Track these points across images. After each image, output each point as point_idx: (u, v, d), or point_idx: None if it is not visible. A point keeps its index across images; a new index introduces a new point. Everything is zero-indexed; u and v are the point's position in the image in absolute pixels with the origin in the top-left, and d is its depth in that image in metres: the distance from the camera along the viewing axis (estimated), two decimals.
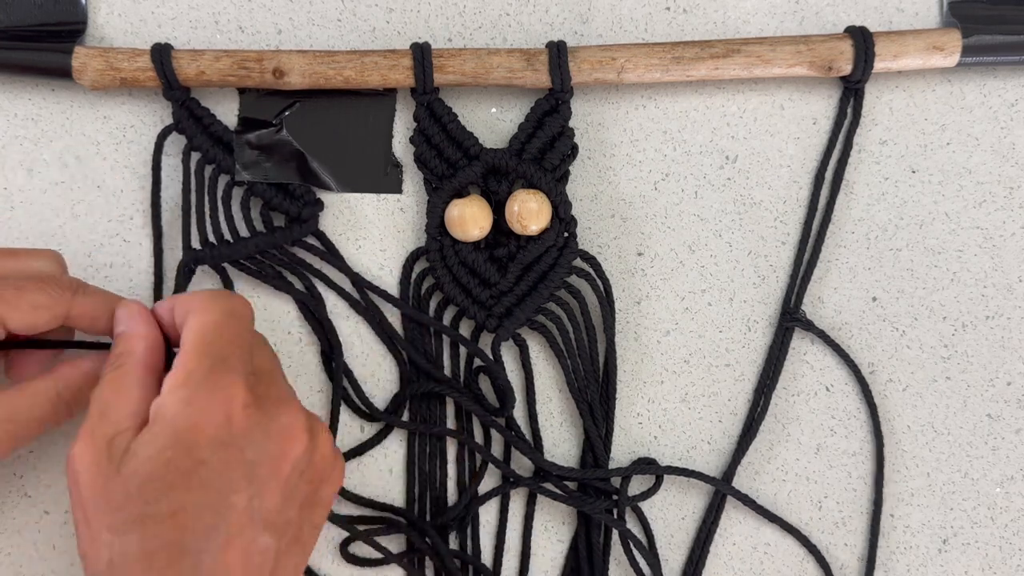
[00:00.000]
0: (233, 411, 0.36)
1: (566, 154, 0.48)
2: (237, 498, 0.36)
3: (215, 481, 0.36)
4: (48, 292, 0.40)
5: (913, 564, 0.50)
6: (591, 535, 0.48)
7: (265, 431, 0.37)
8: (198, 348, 0.37)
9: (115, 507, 0.35)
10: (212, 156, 0.48)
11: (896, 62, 0.48)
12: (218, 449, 0.36)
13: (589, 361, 0.49)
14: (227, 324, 0.39)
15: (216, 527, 0.35)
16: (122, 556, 0.35)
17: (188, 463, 0.35)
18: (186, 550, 0.35)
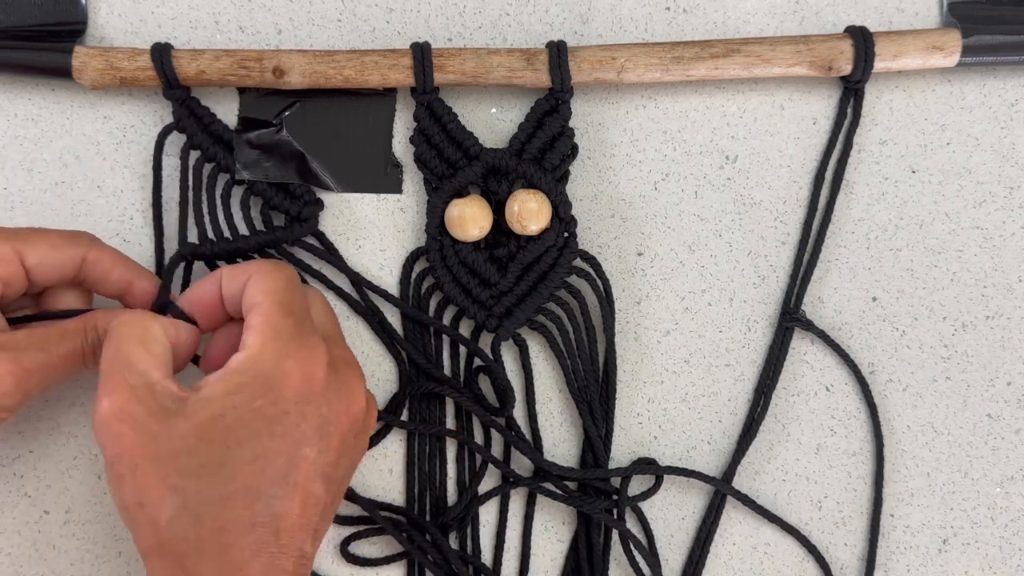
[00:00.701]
0: (317, 369, 0.39)
1: (566, 154, 0.48)
2: (309, 450, 0.38)
3: (293, 432, 0.38)
4: (66, 236, 0.43)
5: (913, 564, 0.50)
6: (591, 535, 0.48)
7: (337, 390, 0.40)
8: (280, 308, 0.39)
9: (185, 451, 0.36)
10: (212, 155, 0.48)
11: (896, 62, 0.48)
12: (300, 402, 0.38)
13: (589, 361, 0.49)
14: (294, 287, 0.41)
15: (288, 475, 0.37)
16: (197, 498, 0.36)
17: (274, 412, 0.38)
18: (261, 494, 0.37)
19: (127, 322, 0.40)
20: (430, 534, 0.48)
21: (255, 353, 0.38)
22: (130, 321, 0.40)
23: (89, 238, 0.43)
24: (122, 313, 0.42)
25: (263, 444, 0.37)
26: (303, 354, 0.39)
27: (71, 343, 0.41)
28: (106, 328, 0.41)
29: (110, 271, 0.43)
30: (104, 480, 0.49)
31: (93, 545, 0.48)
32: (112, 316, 0.42)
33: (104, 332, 0.41)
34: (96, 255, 0.43)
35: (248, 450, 0.37)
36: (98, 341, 0.42)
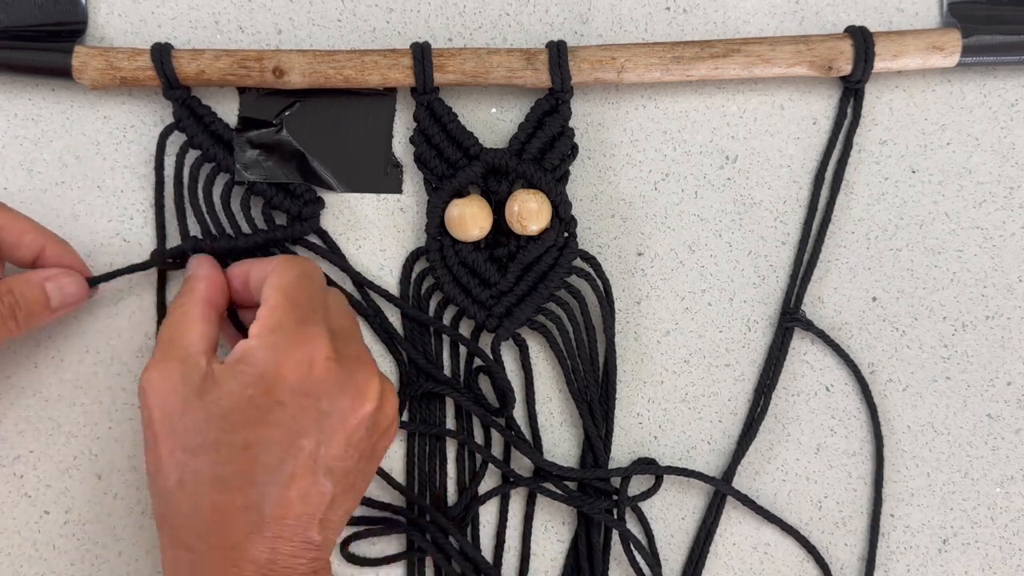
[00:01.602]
0: (316, 362, 0.39)
1: (566, 154, 0.48)
2: (306, 442, 0.38)
3: (288, 423, 0.38)
4: None
5: (913, 564, 0.50)
6: (591, 535, 0.48)
7: (341, 385, 0.40)
8: (284, 301, 0.40)
9: (191, 429, 0.38)
10: (212, 154, 0.48)
11: (896, 62, 0.48)
12: (296, 394, 0.39)
13: (589, 361, 0.49)
14: (307, 283, 0.42)
15: (283, 465, 0.38)
16: (194, 475, 0.38)
17: (267, 402, 0.38)
18: (253, 481, 0.37)
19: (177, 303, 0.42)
20: (430, 534, 0.48)
21: (252, 344, 0.39)
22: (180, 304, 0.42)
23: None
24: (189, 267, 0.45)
25: (256, 433, 0.38)
26: (300, 347, 0.39)
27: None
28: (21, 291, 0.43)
29: (22, 235, 0.44)
30: (104, 480, 0.49)
31: (93, 545, 0.48)
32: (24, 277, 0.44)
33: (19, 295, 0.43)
34: (4, 220, 0.44)
35: (240, 437, 0.38)
36: (15, 304, 0.43)
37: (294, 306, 0.40)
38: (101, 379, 0.49)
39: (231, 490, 0.37)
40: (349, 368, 0.40)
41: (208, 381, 0.39)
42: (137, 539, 0.49)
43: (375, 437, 0.41)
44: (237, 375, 0.39)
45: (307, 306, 0.41)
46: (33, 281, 0.44)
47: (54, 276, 0.44)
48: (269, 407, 0.38)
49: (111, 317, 0.49)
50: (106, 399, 0.49)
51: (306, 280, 0.42)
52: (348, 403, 0.40)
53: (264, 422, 0.38)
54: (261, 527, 0.37)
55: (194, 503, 0.38)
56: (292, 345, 0.39)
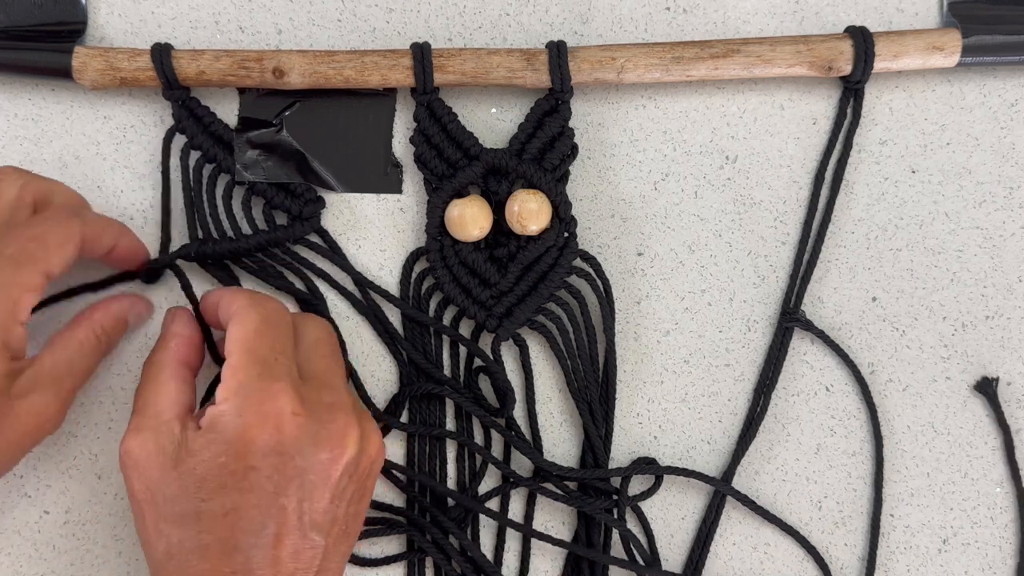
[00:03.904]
0: (283, 420, 0.38)
1: (566, 154, 0.48)
2: (287, 501, 0.38)
3: (265, 485, 0.37)
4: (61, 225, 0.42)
5: (913, 564, 0.50)
6: (591, 535, 0.48)
7: (315, 438, 0.39)
8: (243, 357, 0.39)
9: (171, 499, 0.38)
10: (212, 155, 0.48)
11: (896, 62, 0.48)
12: (269, 456, 0.38)
13: (589, 361, 0.49)
14: (266, 330, 0.40)
15: (265, 526, 0.37)
16: (179, 546, 0.37)
17: (239, 468, 0.37)
18: (238, 547, 0.37)
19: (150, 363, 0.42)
20: (430, 534, 0.48)
21: (220, 409, 0.38)
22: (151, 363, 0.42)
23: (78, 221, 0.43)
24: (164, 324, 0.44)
25: (232, 499, 0.37)
26: (264, 407, 0.38)
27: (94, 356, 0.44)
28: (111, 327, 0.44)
29: (102, 238, 0.45)
30: (104, 480, 0.49)
31: (93, 545, 0.48)
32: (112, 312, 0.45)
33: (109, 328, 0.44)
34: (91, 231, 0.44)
35: (218, 504, 0.37)
36: (108, 340, 0.45)
37: (254, 360, 0.39)
38: (101, 379, 0.49)
39: (215, 558, 0.37)
40: (322, 418, 0.39)
41: (182, 450, 0.38)
42: (137, 539, 0.49)
43: (361, 479, 0.41)
44: (209, 444, 0.38)
45: (267, 358, 0.39)
46: (120, 317, 0.46)
47: (133, 306, 0.47)
48: (243, 472, 0.37)
49: None
50: (106, 399, 0.49)
51: (266, 327, 0.40)
52: (326, 455, 0.39)
53: (239, 488, 0.37)
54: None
55: (182, 574, 0.37)
56: (256, 405, 0.38)
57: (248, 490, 0.37)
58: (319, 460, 0.39)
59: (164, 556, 0.38)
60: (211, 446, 0.38)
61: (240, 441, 0.37)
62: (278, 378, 0.39)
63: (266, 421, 0.38)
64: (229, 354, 0.40)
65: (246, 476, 0.37)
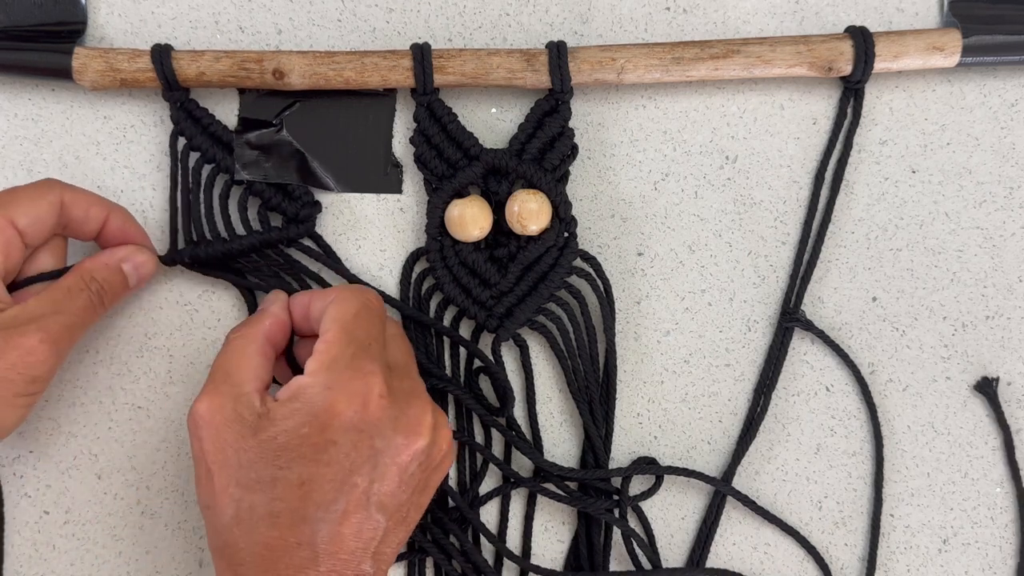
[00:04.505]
0: (369, 400, 0.39)
1: (566, 154, 0.48)
2: (359, 479, 0.39)
3: (342, 460, 0.38)
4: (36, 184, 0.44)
5: (913, 564, 0.50)
6: (591, 535, 0.48)
7: (394, 422, 0.40)
8: (341, 336, 0.40)
9: (246, 465, 0.38)
10: (212, 156, 0.48)
11: (896, 62, 0.48)
12: (350, 432, 0.39)
13: (589, 361, 0.49)
14: (365, 315, 0.42)
15: (336, 501, 0.38)
16: (249, 511, 0.38)
17: (321, 440, 0.38)
18: (307, 517, 0.37)
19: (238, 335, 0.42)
20: (431, 533, 0.48)
21: (307, 381, 0.39)
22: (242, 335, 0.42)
23: (57, 182, 0.44)
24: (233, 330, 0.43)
25: (309, 470, 0.38)
26: (354, 384, 0.39)
27: (81, 299, 0.43)
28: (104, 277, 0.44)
29: (87, 209, 0.45)
30: (104, 480, 0.49)
31: (93, 545, 0.48)
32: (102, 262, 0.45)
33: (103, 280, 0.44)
34: (71, 196, 0.44)
35: (295, 474, 0.38)
36: (101, 290, 0.44)
37: (350, 340, 0.40)
38: (101, 379, 0.49)
39: (284, 526, 0.37)
40: (402, 404, 0.40)
41: (263, 419, 0.39)
42: (137, 539, 0.49)
43: (428, 471, 0.41)
44: (292, 413, 0.39)
45: (363, 340, 0.41)
46: (112, 265, 0.45)
47: (129, 256, 0.46)
48: (323, 445, 0.38)
49: (111, 317, 0.49)
50: (106, 399, 0.49)
51: (365, 313, 0.42)
52: (401, 440, 0.40)
53: (317, 460, 0.38)
54: (315, 562, 0.37)
55: (249, 539, 0.38)
56: (346, 382, 0.39)
57: (326, 463, 0.38)
58: (395, 443, 0.40)
59: (232, 519, 0.38)
60: (295, 415, 0.38)
61: (326, 414, 0.38)
62: (372, 359, 0.40)
63: (354, 398, 0.39)
64: (325, 331, 0.41)
65: (326, 449, 0.38)
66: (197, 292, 0.50)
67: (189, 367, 0.49)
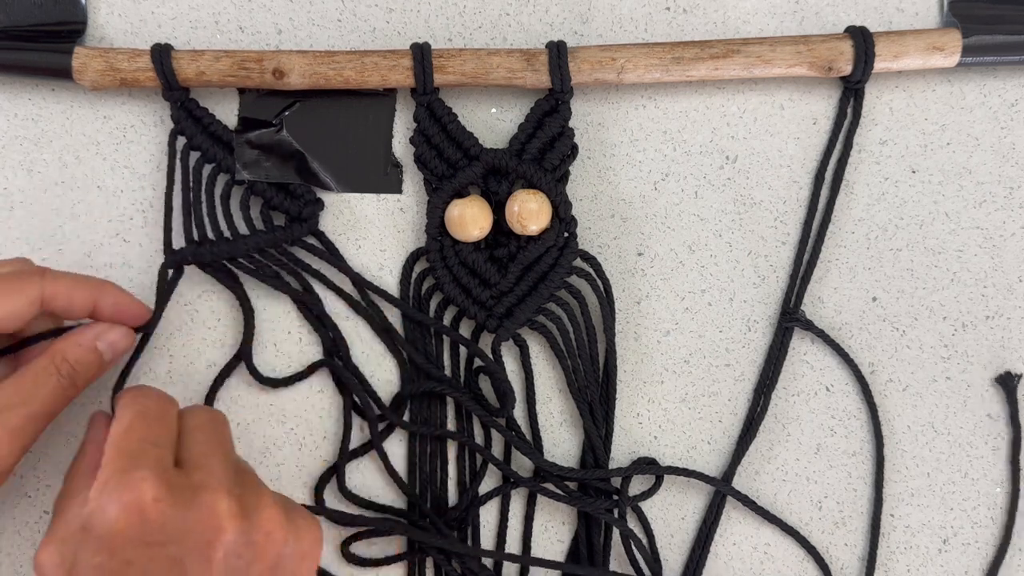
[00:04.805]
0: (144, 507, 0.36)
1: (566, 154, 0.48)
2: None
3: None
4: (16, 278, 0.41)
5: (913, 564, 0.50)
6: (591, 535, 0.48)
7: (183, 522, 0.37)
8: (110, 453, 0.38)
9: None
10: (212, 155, 0.48)
11: (896, 62, 0.48)
12: (140, 547, 0.36)
13: (589, 361, 0.49)
14: (139, 425, 0.39)
15: None
16: None
17: (115, 565, 0.36)
18: None
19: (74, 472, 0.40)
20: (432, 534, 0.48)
21: (88, 509, 0.37)
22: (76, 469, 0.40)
23: (38, 272, 0.42)
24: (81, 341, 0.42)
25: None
26: (124, 496, 0.36)
27: (48, 385, 0.41)
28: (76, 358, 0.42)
29: (71, 298, 0.42)
30: None
31: None
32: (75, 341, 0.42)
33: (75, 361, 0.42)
34: (52, 289, 0.42)
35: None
36: (72, 372, 0.41)
37: (120, 454, 0.38)
38: (101, 379, 0.49)
39: None
40: (187, 499, 0.37)
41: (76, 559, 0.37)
42: None
43: (267, 559, 0.38)
44: (85, 547, 0.36)
45: (136, 450, 0.38)
46: (85, 345, 0.42)
47: (103, 333, 0.43)
48: (120, 569, 0.36)
49: None
50: (106, 399, 0.49)
51: (139, 422, 0.39)
52: (199, 538, 0.37)
53: None
54: None
55: None
56: (116, 497, 0.36)
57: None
58: (193, 544, 0.37)
59: None
60: (87, 547, 0.36)
61: (109, 536, 0.36)
62: (140, 467, 0.37)
63: (129, 511, 0.36)
64: (104, 453, 0.38)
65: (125, 573, 0.36)
66: (197, 292, 0.50)
67: (189, 367, 0.49)
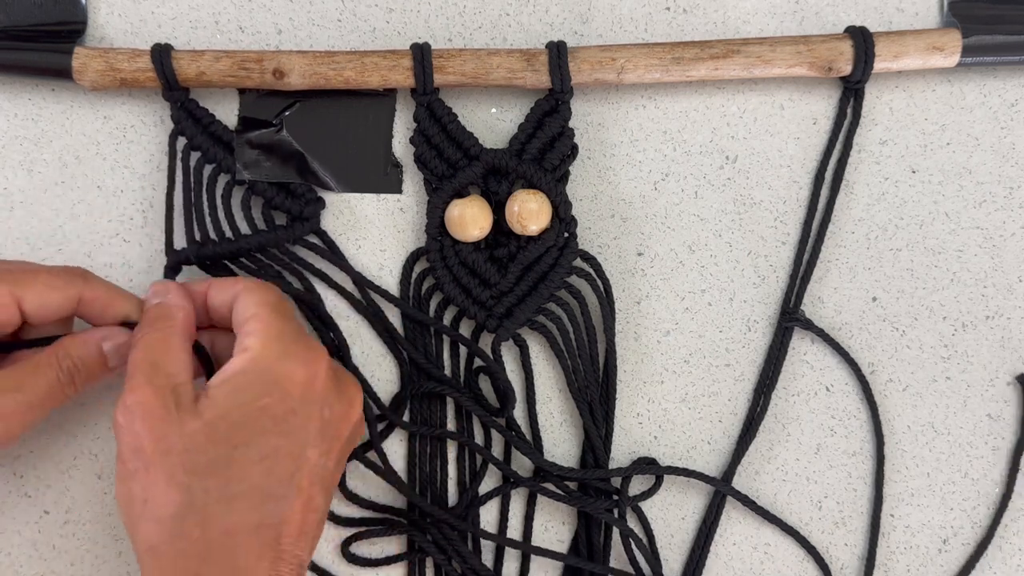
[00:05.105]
0: (320, 371, 0.39)
1: (566, 154, 0.48)
2: (312, 452, 0.38)
3: (299, 432, 0.38)
4: (60, 274, 0.42)
5: (913, 564, 0.50)
6: (591, 535, 0.48)
7: (339, 395, 0.40)
8: (276, 315, 0.40)
9: (194, 449, 0.36)
10: (212, 155, 0.48)
11: (896, 62, 0.48)
12: (306, 402, 0.39)
13: (589, 361, 0.49)
14: (286, 302, 0.42)
15: (293, 477, 0.37)
16: (204, 497, 0.36)
17: (281, 411, 0.38)
18: (269, 495, 0.37)
19: (156, 329, 0.40)
20: (431, 534, 0.48)
21: (257, 353, 0.39)
22: (158, 330, 0.40)
23: (83, 274, 0.42)
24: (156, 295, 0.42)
25: (271, 443, 0.37)
26: (307, 354, 0.39)
27: (46, 376, 0.40)
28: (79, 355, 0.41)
29: (107, 307, 0.42)
30: (104, 480, 0.49)
31: (93, 545, 0.48)
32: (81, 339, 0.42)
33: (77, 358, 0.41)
34: (92, 293, 0.42)
35: (255, 449, 0.37)
36: (73, 368, 0.41)
37: (287, 319, 0.40)
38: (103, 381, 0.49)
39: (244, 508, 0.36)
40: (341, 379, 0.41)
41: (205, 400, 0.38)
42: None
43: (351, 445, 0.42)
44: (245, 386, 0.38)
45: (296, 322, 0.41)
46: (90, 343, 0.42)
47: (111, 336, 0.42)
48: (283, 416, 0.38)
49: None
50: (106, 399, 0.49)
51: (284, 300, 0.42)
52: (343, 412, 0.40)
53: (277, 431, 0.37)
54: (270, 547, 0.36)
55: (204, 528, 0.36)
56: (300, 351, 0.39)
57: (284, 434, 0.37)
58: (338, 416, 0.40)
59: (182, 509, 0.36)
60: (249, 388, 0.38)
61: (285, 382, 0.38)
62: (309, 336, 0.41)
63: (309, 367, 0.39)
64: (252, 315, 0.40)
65: (286, 419, 0.38)
66: None
67: None
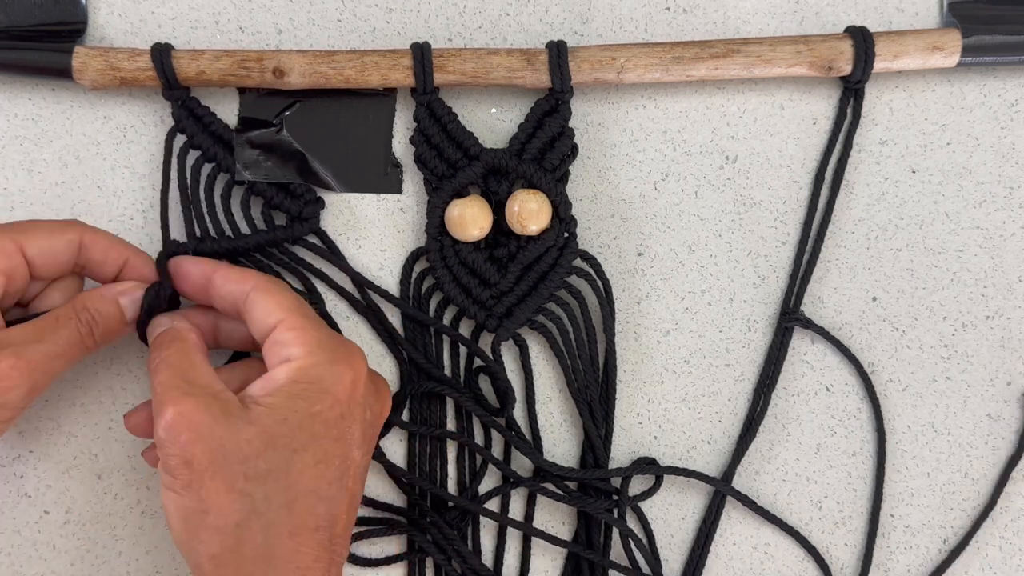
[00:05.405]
0: (360, 374, 0.40)
1: (566, 154, 0.48)
2: (356, 452, 0.40)
3: (347, 435, 0.39)
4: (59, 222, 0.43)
5: (913, 564, 0.50)
6: (591, 535, 0.48)
7: (376, 393, 0.42)
8: (307, 321, 0.40)
9: (252, 456, 0.37)
10: (212, 155, 0.48)
11: (896, 62, 0.48)
12: (352, 405, 0.40)
13: (589, 361, 0.49)
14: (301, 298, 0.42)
15: (342, 477, 0.39)
16: (265, 503, 0.37)
17: (333, 416, 0.38)
18: (322, 497, 0.38)
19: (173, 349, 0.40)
20: (431, 534, 0.48)
21: (305, 363, 0.39)
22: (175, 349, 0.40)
23: (80, 223, 0.44)
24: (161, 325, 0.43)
25: (324, 447, 0.38)
26: (352, 359, 0.40)
27: (67, 329, 0.41)
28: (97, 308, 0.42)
29: (107, 252, 0.43)
30: (104, 480, 0.49)
31: (93, 545, 0.48)
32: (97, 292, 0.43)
33: (95, 312, 0.42)
34: (91, 237, 0.43)
35: (311, 454, 0.38)
36: (92, 320, 0.42)
37: (317, 324, 0.41)
38: (101, 379, 0.49)
39: (303, 511, 0.37)
40: (373, 376, 0.42)
41: (258, 408, 0.38)
42: (137, 539, 0.49)
43: None
44: (303, 394, 0.38)
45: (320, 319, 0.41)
46: (108, 297, 0.42)
47: (128, 290, 0.43)
48: (334, 420, 0.38)
49: None
50: (106, 399, 0.49)
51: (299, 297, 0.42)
52: (379, 410, 0.41)
53: (330, 436, 0.38)
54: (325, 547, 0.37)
55: (267, 533, 0.36)
56: (346, 356, 0.40)
57: (336, 438, 0.38)
58: (375, 414, 0.41)
59: (246, 516, 0.36)
60: (304, 395, 0.38)
61: (335, 388, 0.39)
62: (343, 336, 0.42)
63: (353, 372, 0.40)
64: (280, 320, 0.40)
65: (336, 424, 0.38)
66: None
67: None
